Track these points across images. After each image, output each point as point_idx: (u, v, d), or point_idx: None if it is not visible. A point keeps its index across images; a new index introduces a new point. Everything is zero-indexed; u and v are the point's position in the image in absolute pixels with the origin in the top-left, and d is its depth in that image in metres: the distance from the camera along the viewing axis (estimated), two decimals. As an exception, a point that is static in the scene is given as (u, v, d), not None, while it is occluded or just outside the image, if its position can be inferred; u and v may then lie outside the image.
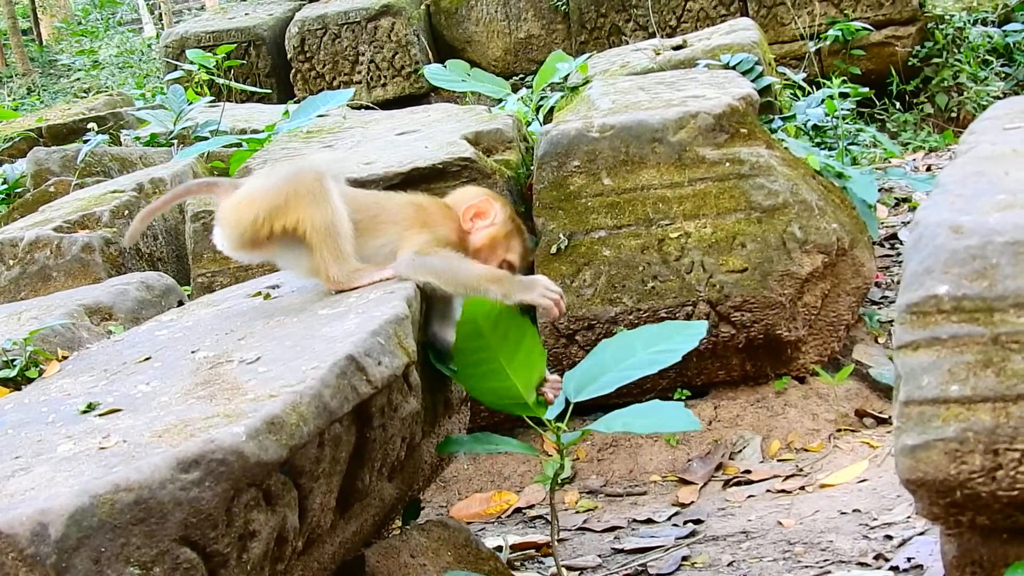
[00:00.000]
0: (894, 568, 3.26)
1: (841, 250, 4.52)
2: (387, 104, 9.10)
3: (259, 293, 3.14)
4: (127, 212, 5.01)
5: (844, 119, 6.32)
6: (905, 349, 2.22)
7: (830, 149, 6.06)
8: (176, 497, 1.97)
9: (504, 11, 10.25)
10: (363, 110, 7.46)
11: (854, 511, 3.74)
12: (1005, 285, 2.13)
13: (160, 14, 21.14)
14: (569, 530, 4.01)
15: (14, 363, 3.01)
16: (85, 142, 6.82)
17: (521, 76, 9.71)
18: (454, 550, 3.00)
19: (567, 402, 3.00)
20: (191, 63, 7.16)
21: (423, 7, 10.52)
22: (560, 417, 3.00)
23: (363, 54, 10.19)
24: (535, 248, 4.52)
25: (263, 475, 2.11)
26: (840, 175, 5.13)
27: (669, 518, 4.00)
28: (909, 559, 3.27)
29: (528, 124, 5.81)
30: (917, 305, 2.20)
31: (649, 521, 4.01)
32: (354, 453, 2.44)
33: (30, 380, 2.97)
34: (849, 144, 6.30)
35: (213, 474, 2.02)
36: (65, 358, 3.10)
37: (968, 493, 2.18)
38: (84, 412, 2.43)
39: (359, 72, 10.22)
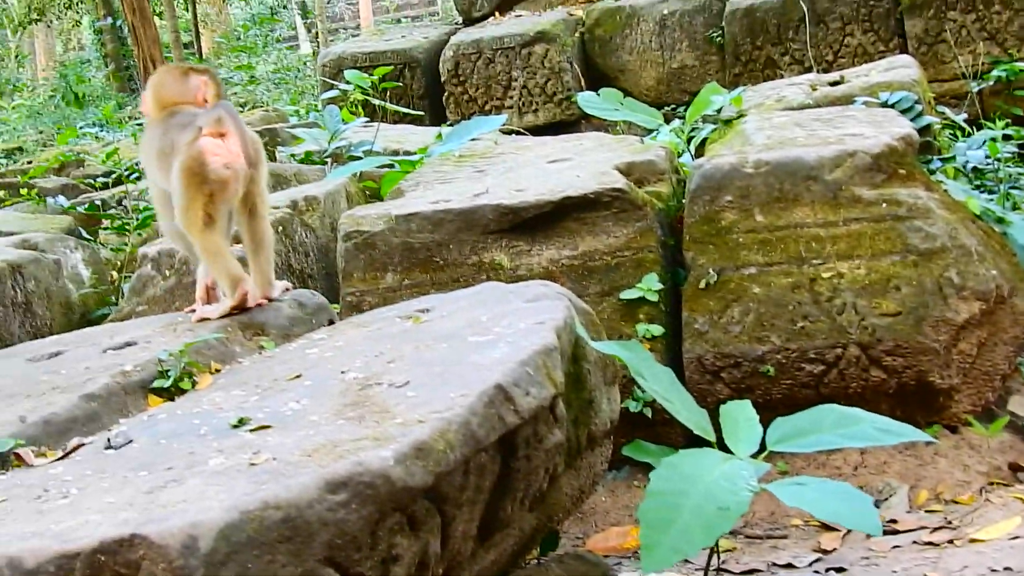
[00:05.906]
0: (1044, 632, 3.14)
1: (1000, 298, 4.38)
2: (538, 130, 9.12)
3: (410, 316, 3.16)
4: (280, 229, 5.09)
5: (1005, 162, 6.16)
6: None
7: (990, 192, 5.90)
8: (323, 517, 1.99)
9: (659, 41, 10.22)
10: (514, 136, 7.49)
11: (1005, 569, 3.60)
12: None
13: (316, 32, 21.59)
14: (708, 570, 3.95)
15: (168, 374, 3.07)
16: (242, 158, 6.95)
17: (673, 107, 9.65)
18: (591, 585, 2.98)
19: (762, 446, 3.11)
20: (347, 83, 7.26)
21: (577, 34, 10.53)
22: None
23: (516, 79, 10.24)
24: (685, 279, 4.48)
25: (408, 500, 2.11)
26: (1001, 220, 4.99)
27: (810, 564, 3.91)
28: (1062, 623, 3.15)
29: (679, 155, 5.76)
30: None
31: (789, 566, 3.92)
32: (497, 482, 2.43)
33: (183, 391, 3.03)
34: (1011, 188, 6.13)
35: (360, 496, 2.03)
36: (218, 371, 3.15)
37: None
38: (235, 427, 2.46)
39: (511, 97, 10.27)
